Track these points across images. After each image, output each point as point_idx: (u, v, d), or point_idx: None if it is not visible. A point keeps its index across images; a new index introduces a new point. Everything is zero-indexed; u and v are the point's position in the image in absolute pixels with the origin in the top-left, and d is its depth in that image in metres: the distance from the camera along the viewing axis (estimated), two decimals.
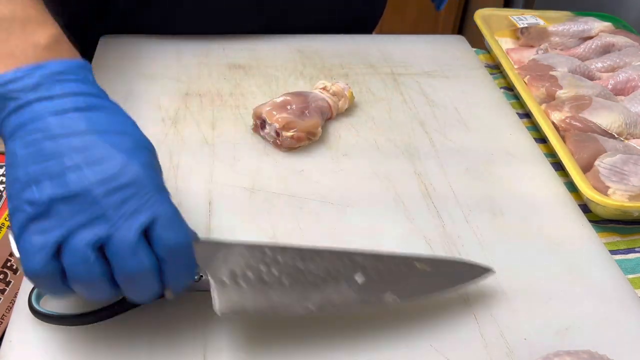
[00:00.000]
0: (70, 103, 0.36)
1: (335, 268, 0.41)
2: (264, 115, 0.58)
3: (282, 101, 0.59)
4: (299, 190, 0.55)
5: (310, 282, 0.40)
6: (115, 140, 0.35)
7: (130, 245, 0.33)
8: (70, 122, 0.35)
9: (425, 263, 0.43)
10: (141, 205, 0.34)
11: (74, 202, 0.33)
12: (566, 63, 0.71)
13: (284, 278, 0.40)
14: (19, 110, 0.35)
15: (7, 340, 0.41)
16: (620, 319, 0.45)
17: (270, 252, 0.41)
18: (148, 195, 0.35)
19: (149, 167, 0.36)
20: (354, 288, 0.41)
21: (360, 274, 0.41)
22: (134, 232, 0.33)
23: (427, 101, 0.68)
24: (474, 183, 0.57)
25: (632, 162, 0.56)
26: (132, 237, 0.33)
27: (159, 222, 0.35)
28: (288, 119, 0.57)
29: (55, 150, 0.34)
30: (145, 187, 0.35)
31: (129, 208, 0.34)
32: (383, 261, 0.43)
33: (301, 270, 0.40)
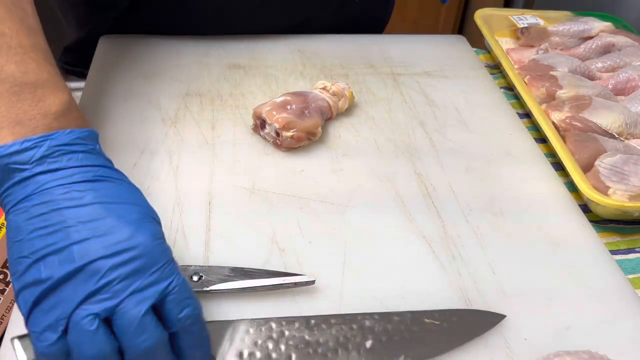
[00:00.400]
0: (77, 175, 0.35)
1: (344, 335, 0.41)
2: (263, 115, 0.58)
3: (282, 101, 0.59)
4: (299, 190, 0.54)
5: (319, 355, 0.40)
6: (122, 211, 0.35)
7: (137, 321, 0.32)
8: (77, 194, 0.34)
9: (434, 318, 0.43)
10: (150, 278, 0.33)
11: (80, 277, 0.32)
12: (566, 63, 0.71)
13: (292, 353, 0.40)
14: (24, 181, 0.34)
15: (7, 340, 0.41)
16: (620, 319, 0.45)
17: (277, 326, 0.41)
18: (156, 266, 0.34)
19: (157, 238, 0.35)
20: (365, 355, 0.40)
21: (370, 341, 0.41)
22: (141, 307, 0.32)
23: (427, 101, 0.68)
24: (474, 183, 0.57)
25: (632, 162, 0.56)
26: (139, 312, 0.32)
27: (169, 296, 0.34)
28: (288, 119, 0.57)
29: (62, 223, 0.33)
30: (154, 259, 0.34)
31: (137, 281, 0.33)
32: (392, 322, 0.42)
33: (309, 342, 0.40)
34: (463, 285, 0.47)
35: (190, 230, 0.50)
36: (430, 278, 0.47)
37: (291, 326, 0.41)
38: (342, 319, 0.42)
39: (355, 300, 0.45)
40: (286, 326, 0.41)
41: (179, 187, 0.54)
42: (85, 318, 0.32)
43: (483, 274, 0.48)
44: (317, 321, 0.42)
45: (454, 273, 0.48)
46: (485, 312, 0.44)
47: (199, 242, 0.49)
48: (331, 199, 0.54)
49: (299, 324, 0.41)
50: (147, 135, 0.59)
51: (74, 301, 0.32)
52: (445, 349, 0.42)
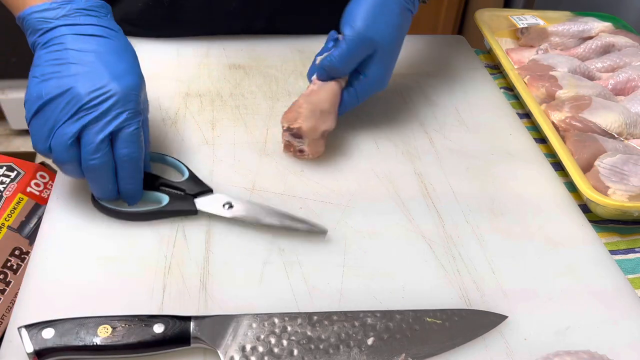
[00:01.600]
0: (88, 30, 0.47)
1: (345, 332, 0.41)
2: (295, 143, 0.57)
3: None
4: (299, 190, 0.55)
5: (321, 350, 0.40)
6: (113, 62, 0.46)
7: (94, 143, 0.44)
8: (84, 44, 0.46)
9: (436, 317, 0.43)
10: (113, 115, 0.45)
11: (65, 100, 0.44)
12: (566, 63, 0.71)
13: (294, 348, 0.40)
14: (49, 31, 0.46)
15: (7, 340, 0.41)
16: (620, 318, 0.45)
17: (279, 321, 0.41)
18: (122, 109, 0.45)
19: (132, 89, 0.46)
20: (366, 352, 0.41)
21: (372, 339, 0.41)
22: (101, 134, 0.44)
23: (427, 101, 0.68)
24: (474, 183, 0.57)
25: (632, 162, 0.56)
26: (96, 139, 0.44)
27: (120, 133, 0.45)
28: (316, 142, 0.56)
29: (66, 59, 0.45)
30: (123, 104, 0.45)
31: (105, 114, 0.44)
32: (393, 320, 0.42)
33: (311, 338, 0.41)
34: (463, 285, 0.47)
35: (190, 230, 0.50)
36: (430, 278, 0.47)
37: (294, 322, 0.41)
38: (344, 316, 0.42)
39: (355, 300, 0.45)
40: (289, 322, 0.42)
41: None
42: (61, 133, 0.44)
43: (483, 273, 0.48)
44: (320, 317, 0.42)
45: (454, 273, 0.48)
46: (486, 313, 0.44)
47: (199, 242, 0.49)
48: (331, 199, 0.54)
49: (301, 319, 0.42)
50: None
51: (58, 120, 0.44)
52: (446, 348, 0.42)
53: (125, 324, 0.40)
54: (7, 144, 1.88)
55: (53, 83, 0.44)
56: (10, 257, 0.56)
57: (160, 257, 0.47)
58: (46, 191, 0.61)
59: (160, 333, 0.39)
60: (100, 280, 0.45)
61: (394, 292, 0.46)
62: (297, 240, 0.50)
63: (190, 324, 0.40)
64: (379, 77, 0.58)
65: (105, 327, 0.39)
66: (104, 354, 0.39)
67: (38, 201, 0.60)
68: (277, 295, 0.45)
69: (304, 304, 0.45)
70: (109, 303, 0.43)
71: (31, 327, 0.39)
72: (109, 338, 0.39)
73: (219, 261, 0.47)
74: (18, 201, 0.58)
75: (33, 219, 0.59)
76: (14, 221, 0.57)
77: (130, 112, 0.45)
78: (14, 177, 0.60)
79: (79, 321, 0.39)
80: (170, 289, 0.45)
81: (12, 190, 0.59)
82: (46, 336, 0.38)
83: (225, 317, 0.42)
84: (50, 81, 0.44)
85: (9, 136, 1.90)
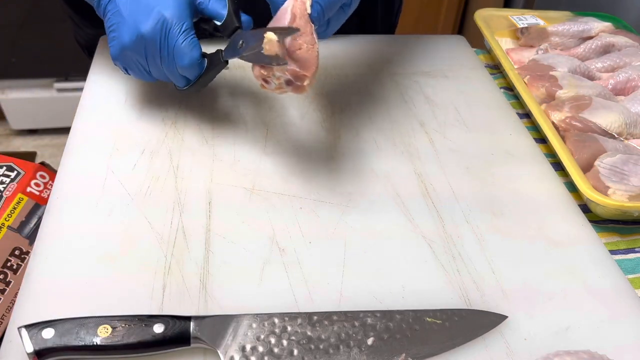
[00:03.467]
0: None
1: (345, 332, 0.41)
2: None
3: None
4: (299, 190, 0.55)
5: (321, 350, 0.40)
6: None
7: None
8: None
9: (436, 317, 0.43)
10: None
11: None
12: (566, 63, 0.71)
13: (294, 348, 0.40)
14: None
15: (7, 340, 0.41)
16: (620, 319, 0.45)
17: (279, 322, 0.41)
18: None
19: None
20: (366, 352, 0.41)
21: (372, 339, 0.41)
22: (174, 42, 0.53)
23: (427, 101, 0.68)
24: (474, 183, 0.57)
25: (632, 162, 0.56)
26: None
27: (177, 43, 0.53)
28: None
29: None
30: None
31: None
32: (394, 320, 0.42)
33: (311, 338, 0.41)
34: (463, 285, 0.47)
35: (191, 230, 0.50)
36: (430, 278, 0.47)
37: (294, 322, 0.42)
38: (344, 316, 0.42)
39: (355, 300, 0.45)
40: (289, 322, 0.42)
41: (179, 187, 0.54)
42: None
43: (483, 273, 0.48)
44: (320, 317, 0.42)
45: (453, 273, 0.48)
46: (487, 313, 0.44)
47: (199, 242, 0.49)
48: (331, 199, 0.54)
49: (301, 319, 0.42)
50: (147, 135, 0.59)
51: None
52: (446, 348, 0.42)
53: (125, 324, 0.40)
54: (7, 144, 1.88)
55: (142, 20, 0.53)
56: (10, 257, 0.56)
57: (160, 257, 0.47)
58: (46, 191, 0.61)
59: (160, 333, 0.39)
60: (100, 280, 0.45)
61: (394, 292, 0.46)
62: (297, 240, 0.50)
63: (190, 324, 0.40)
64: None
65: (105, 327, 0.39)
66: (104, 354, 0.39)
67: (38, 201, 0.60)
68: (277, 295, 0.45)
69: (304, 304, 0.45)
70: (109, 303, 0.43)
71: (31, 327, 0.39)
72: (109, 338, 0.39)
73: (219, 261, 0.47)
74: (18, 201, 0.58)
75: (33, 219, 0.59)
76: (14, 221, 0.57)
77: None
78: (14, 177, 0.60)
79: (79, 321, 0.39)
80: (170, 289, 0.45)
81: (12, 190, 0.59)
82: (46, 336, 0.38)
83: (225, 317, 0.42)
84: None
85: (9, 136, 1.91)
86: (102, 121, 0.61)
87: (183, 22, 0.53)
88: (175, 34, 0.52)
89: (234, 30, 0.54)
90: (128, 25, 0.53)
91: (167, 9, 0.52)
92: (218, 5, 0.55)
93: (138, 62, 0.55)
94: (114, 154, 0.57)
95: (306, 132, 0.62)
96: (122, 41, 0.54)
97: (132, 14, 0.53)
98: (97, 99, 0.64)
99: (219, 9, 0.55)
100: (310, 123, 0.63)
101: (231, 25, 0.55)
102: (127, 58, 0.55)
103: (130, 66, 0.57)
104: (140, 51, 0.54)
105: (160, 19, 0.52)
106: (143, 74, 0.57)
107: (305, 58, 0.47)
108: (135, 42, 0.53)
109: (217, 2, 0.55)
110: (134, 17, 0.53)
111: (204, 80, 0.57)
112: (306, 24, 0.48)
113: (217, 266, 0.47)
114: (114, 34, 0.55)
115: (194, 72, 0.55)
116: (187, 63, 0.53)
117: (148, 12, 0.52)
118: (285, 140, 0.60)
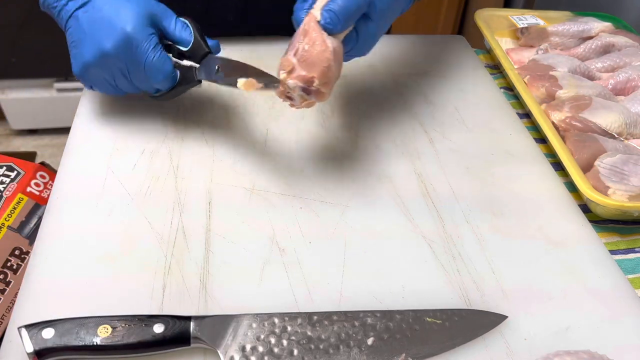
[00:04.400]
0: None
1: (345, 332, 0.41)
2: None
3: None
4: (299, 190, 0.55)
5: (321, 350, 0.40)
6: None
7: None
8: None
9: (436, 317, 0.43)
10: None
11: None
12: (566, 63, 0.71)
13: (294, 348, 0.40)
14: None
15: (7, 340, 0.41)
16: (620, 319, 0.45)
17: (279, 321, 0.41)
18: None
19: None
20: (366, 352, 0.41)
21: (372, 339, 0.41)
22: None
23: (427, 101, 0.68)
24: (474, 183, 0.57)
25: (632, 162, 0.56)
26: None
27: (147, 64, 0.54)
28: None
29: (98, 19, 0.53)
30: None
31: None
32: (394, 320, 0.42)
33: (311, 338, 0.41)
34: (463, 285, 0.47)
35: (191, 230, 0.50)
36: (430, 278, 0.47)
37: (294, 322, 0.42)
38: (344, 316, 0.42)
39: (355, 300, 0.45)
40: (289, 322, 0.42)
41: (179, 187, 0.54)
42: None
43: (483, 273, 0.48)
44: (320, 317, 0.42)
45: (454, 273, 0.48)
46: (487, 313, 0.44)
47: (199, 242, 0.49)
48: (331, 199, 0.54)
49: (301, 319, 0.42)
50: (147, 135, 0.59)
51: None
52: (446, 348, 0.42)
53: (125, 324, 0.40)
54: (7, 144, 1.88)
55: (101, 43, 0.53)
56: (10, 257, 0.56)
57: (160, 257, 0.47)
58: (46, 191, 0.61)
59: (160, 333, 0.39)
60: (100, 280, 0.45)
61: (394, 292, 0.46)
62: (297, 240, 0.50)
63: (190, 324, 0.40)
64: (367, 40, 0.54)
65: (105, 327, 0.39)
66: (104, 354, 0.39)
67: (38, 201, 0.60)
68: (277, 295, 0.45)
69: (304, 304, 0.45)
70: (109, 303, 0.43)
71: (31, 327, 0.39)
72: (109, 338, 0.39)
73: (219, 261, 0.47)
74: (18, 201, 0.58)
75: (33, 219, 0.59)
76: (14, 221, 0.57)
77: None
78: (14, 177, 0.60)
79: (79, 321, 0.39)
80: (170, 288, 0.45)
81: (12, 190, 0.59)
82: (46, 336, 0.38)
83: (225, 317, 0.42)
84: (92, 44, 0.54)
85: (9, 136, 1.90)
86: (102, 121, 0.61)
87: (150, 38, 0.53)
88: (144, 50, 0.53)
89: (204, 56, 0.55)
90: (90, 42, 0.53)
91: (128, 24, 0.52)
92: (184, 32, 0.56)
93: (103, 78, 0.56)
94: (114, 154, 0.57)
95: (306, 132, 0.62)
96: (85, 58, 0.54)
97: (94, 31, 0.53)
98: (97, 99, 0.64)
99: (185, 36, 0.56)
100: (310, 123, 0.63)
101: (200, 50, 0.55)
102: (91, 75, 0.55)
103: (95, 82, 0.57)
104: (105, 67, 0.54)
105: (124, 36, 0.52)
106: (108, 88, 0.57)
107: (311, 61, 0.48)
108: (98, 59, 0.53)
109: (183, 29, 0.56)
110: (96, 33, 0.53)
111: (175, 92, 0.57)
112: (318, 33, 0.48)
113: (217, 266, 0.47)
114: (75, 51, 0.55)
115: (166, 84, 0.56)
116: (161, 78, 0.54)
117: (110, 29, 0.52)
118: (285, 140, 0.60)
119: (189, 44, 0.56)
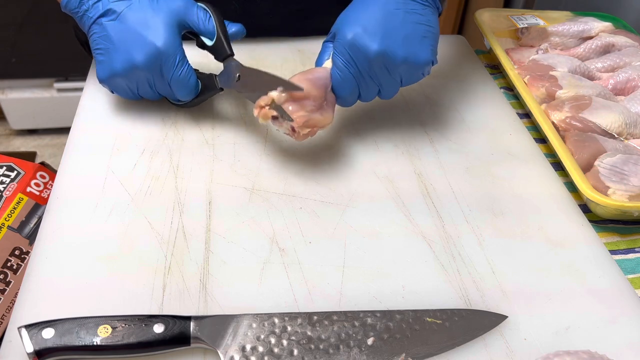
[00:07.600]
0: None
1: (345, 332, 0.41)
2: (283, 107, 0.53)
3: (301, 95, 0.53)
4: (299, 190, 0.55)
5: (321, 350, 0.40)
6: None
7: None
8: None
9: (436, 317, 0.43)
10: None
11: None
12: (566, 63, 0.71)
13: (294, 348, 0.40)
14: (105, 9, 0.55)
15: (7, 340, 0.41)
16: (620, 319, 0.45)
17: (279, 321, 0.41)
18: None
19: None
20: (366, 352, 0.41)
21: (372, 339, 0.41)
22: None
23: (427, 101, 0.68)
24: (474, 183, 0.57)
25: (632, 162, 0.56)
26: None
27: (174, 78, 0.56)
28: (306, 117, 0.53)
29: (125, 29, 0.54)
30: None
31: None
32: (394, 320, 0.42)
33: (311, 338, 0.41)
34: (463, 285, 0.47)
35: (190, 230, 0.50)
36: (430, 278, 0.47)
37: (294, 322, 0.42)
38: (344, 316, 0.42)
39: (355, 300, 0.45)
40: (289, 322, 0.42)
41: (179, 187, 0.54)
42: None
43: (483, 273, 0.48)
44: (320, 317, 0.42)
45: (454, 273, 0.48)
46: (487, 313, 0.44)
47: (199, 242, 0.49)
48: (331, 199, 0.54)
49: (301, 319, 0.42)
50: (147, 135, 0.59)
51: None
52: (446, 348, 0.42)
53: (125, 324, 0.40)
54: (7, 144, 1.88)
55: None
56: (10, 257, 0.56)
57: (160, 257, 0.47)
58: (46, 191, 0.61)
59: (160, 333, 0.39)
60: (100, 280, 0.45)
61: (394, 292, 0.46)
62: (297, 240, 0.50)
63: (190, 323, 0.40)
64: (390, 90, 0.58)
65: (105, 327, 0.39)
66: (104, 354, 0.39)
67: (38, 201, 0.60)
68: (277, 295, 0.45)
69: (304, 304, 0.45)
70: (109, 303, 0.43)
71: (31, 327, 0.39)
72: (109, 338, 0.39)
73: (219, 261, 0.47)
74: (18, 201, 0.58)
75: (33, 219, 0.59)
76: (14, 221, 0.57)
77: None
78: (14, 177, 0.60)
79: (79, 321, 0.39)
80: (170, 288, 0.45)
81: (12, 190, 0.59)
82: (46, 336, 0.38)
83: (225, 317, 0.42)
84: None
85: (9, 136, 1.90)
86: (102, 121, 0.61)
87: (177, 54, 0.54)
88: (170, 66, 0.54)
89: (225, 57, 0.57)
90: (120, 53, 0.54)
91: (159, 40, 0.53)
92: (208, 24, 0.57)
93: (127, 86, 0.57)
94: (114, 154, 0.57)
95: None
96: (114, 68, 0.55)
97: (124, 42, 0.54)
98: (97, 99, 0.64)
99: (209, 28, 0.57)
100: None
101: (223, 51, 0.57)
102: (116, 83, 0.57)
103: (118, 89, 0.59)
104: (132, 79, 0.56)
105: (155, 51, 0.53)
106: (129, 94, 0.59)
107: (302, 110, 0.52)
108: (127, 71, 0.55)
109: (206, 20, 0.57)
110: (126, 45, 0.54)
111: (198, 101, 0.60)
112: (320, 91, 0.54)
113: (217, 266, 0.47)
114: (102, 58, 0.56)
115: (189, 96, 0.58)
116: (185, 92, 0.56)
117: (141, 42, 0.53)
118: (285, 140, 0.60)
119: (214, 36, 0.57)
